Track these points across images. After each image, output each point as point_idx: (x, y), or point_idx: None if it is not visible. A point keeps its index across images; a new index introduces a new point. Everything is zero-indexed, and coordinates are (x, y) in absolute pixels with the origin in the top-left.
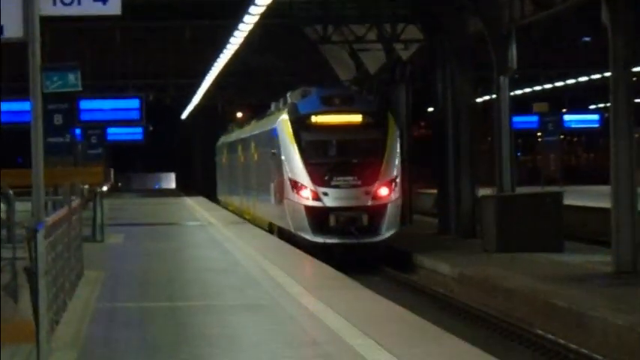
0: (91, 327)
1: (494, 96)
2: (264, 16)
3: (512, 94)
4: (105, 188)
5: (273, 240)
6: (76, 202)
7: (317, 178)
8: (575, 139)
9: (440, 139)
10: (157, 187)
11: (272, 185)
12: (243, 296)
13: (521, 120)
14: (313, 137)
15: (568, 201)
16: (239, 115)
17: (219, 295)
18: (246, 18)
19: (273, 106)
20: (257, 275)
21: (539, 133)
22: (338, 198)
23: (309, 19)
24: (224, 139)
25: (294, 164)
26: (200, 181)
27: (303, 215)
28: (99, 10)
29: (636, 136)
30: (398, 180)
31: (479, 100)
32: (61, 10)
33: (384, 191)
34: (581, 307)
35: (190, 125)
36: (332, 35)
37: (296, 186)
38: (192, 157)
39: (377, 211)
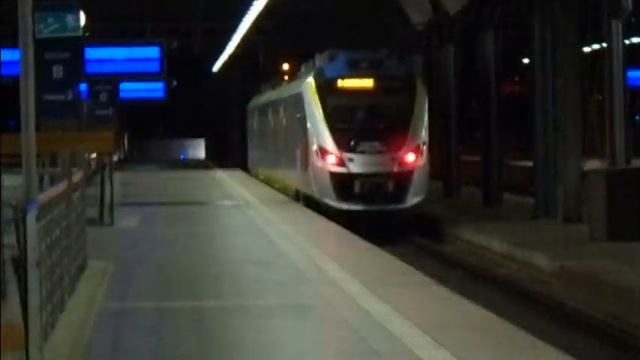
0: (94, 333)
1: (604, 45)
2: None
3: (627, 42)
4: (116, 158)
5: (328, 224)
6: (78, 175)
7: (342, 144)
8: None
9: (538, 99)
10: (182, 157)
11: (297, 151)
12: (287, 295)
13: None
14: (339, 102)
15: None
16: (285, 67)
17: (256, 294)
18: None
19: (303, 68)
20: (305, 268)
21: None
22: (363, 164)
23: None
24: (255, 102)
25: (319, 129)
26: (235, 150)
27: (328, 181)
28: None
29: None
30: (425, 146)
31: (586, 49)
32: None
33: (410, 157)
34: None
35: (224, 81)
36: None
37: (321, 151)
38: (225, 120)
39: (403, 178)
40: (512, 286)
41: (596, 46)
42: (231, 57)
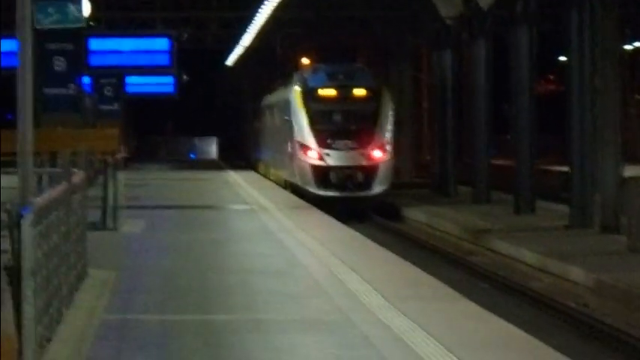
0: (95, 347)
1: None
2: None
3: None
4: (121, 156)
5: (347, 231)
6: (79, 175)
7: (321, 142)
8: None
9: (574, 98)
10: (192, 157)
11: (286, 147)
12: (303, 308)
13: None
14: (319, 107)
15: None
16: (304, 61)
17: (269, 307)
18: None
19: (295, 77)
20: (322, 279)
21: None
22: (338, 158)
23: None
24: (261, 103)
25: (303, 129)
26: (249, 150)
27: (309, 172)
28: None
29: None
30: (389, 145)
31: (627, 47)
32: None
33: (376, 153)
34: None
35: (238, 76)
36: None
37: (303, 147)
38: (239, 118)
39: (370, 170)
40: (545, 301)
41: (637, 44)
42: (247, 50)
